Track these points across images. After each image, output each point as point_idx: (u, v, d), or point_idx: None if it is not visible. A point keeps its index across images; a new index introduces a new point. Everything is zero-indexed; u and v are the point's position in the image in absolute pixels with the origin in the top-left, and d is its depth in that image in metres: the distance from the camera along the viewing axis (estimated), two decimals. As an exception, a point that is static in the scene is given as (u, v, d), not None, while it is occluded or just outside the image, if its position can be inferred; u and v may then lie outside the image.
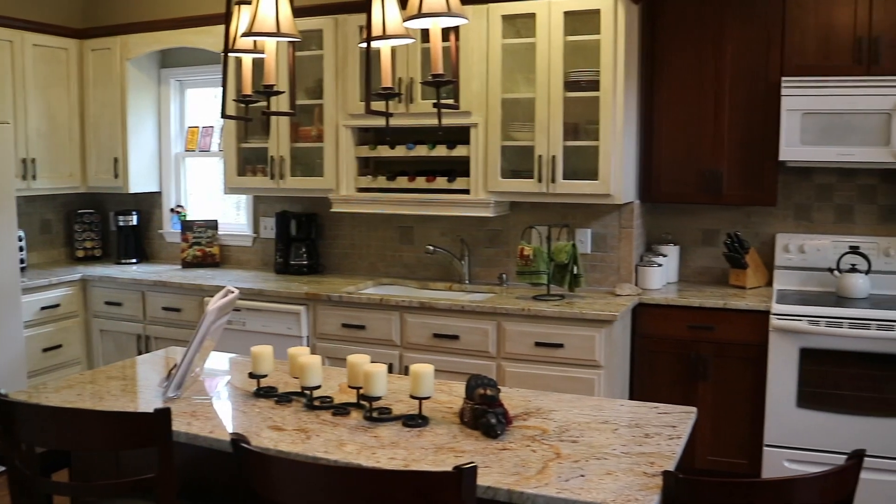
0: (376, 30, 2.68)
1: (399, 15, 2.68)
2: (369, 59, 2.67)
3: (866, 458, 4.26)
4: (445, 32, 2.70)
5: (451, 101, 2.73)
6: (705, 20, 4.72)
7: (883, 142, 4.39)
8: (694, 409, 2.69)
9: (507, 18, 4.64)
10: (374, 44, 2.71)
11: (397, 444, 2.37)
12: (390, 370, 4.46)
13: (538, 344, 4.32)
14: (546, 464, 2.20)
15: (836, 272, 4.73)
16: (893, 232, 4.86)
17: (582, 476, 2.12)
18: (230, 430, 2.52)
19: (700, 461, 4.60)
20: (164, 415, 2.23)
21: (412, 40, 2.72)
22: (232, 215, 6.14)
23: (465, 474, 1.76)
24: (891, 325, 4.19)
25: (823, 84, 4.46)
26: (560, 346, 4.28)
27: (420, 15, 2.39)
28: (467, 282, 5.10)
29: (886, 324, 4.20)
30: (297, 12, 4.77)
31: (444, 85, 2.49)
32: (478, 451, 2.31)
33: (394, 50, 2.81)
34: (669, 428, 2.50)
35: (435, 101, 2.75)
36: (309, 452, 2.32)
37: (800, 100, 4.48)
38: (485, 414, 2.42)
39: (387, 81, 2.74)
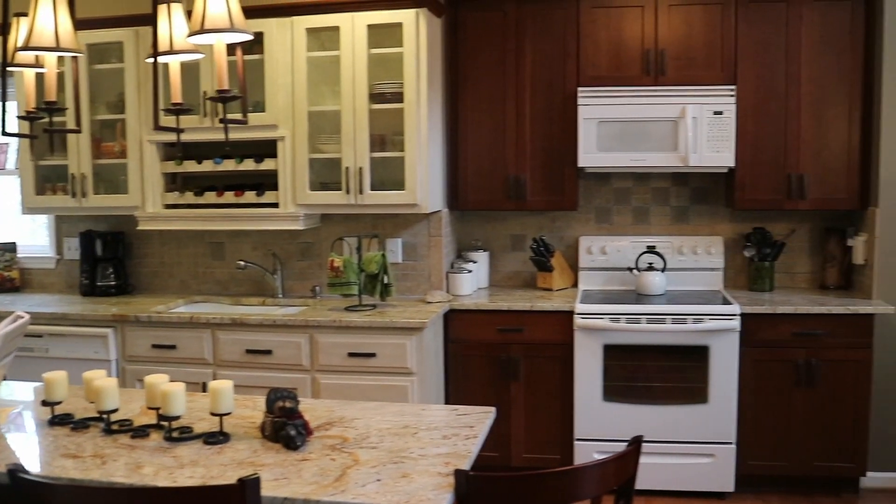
0: (163, 44, 2.64)
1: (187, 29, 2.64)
2: (156, 75, 2.62)
3: (666, 444, 4.57)
4: (243, 45, 2.67)
5: (238, 116, 2.70)
6: (506, 33, 4.89)
7: (671, 147, 4.68)
8: (492, 408, 2.78)
9: (312, 31, 4.65)
10: (162, 59, 2.67)
11: (197, 463, 2.33)
12: (203, 389, 4.40)
13: (351, 354, 4.35)
14: (344, 471, 2.22)
15: (635, 271, 5.00)
16: (686, 231, 5.19)
17: (378, 480, 2.15)
18: (19, 462, 2.40)
19: (516, 459, 4.74)
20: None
21: (201, 55, 2.68)
22: (42, 236, 5.81)
23: (249, 485, 1.76)
24: (684, 319, 4.47)
25: (616, 94, 4.71)
26: (372, 355, 4.32)
27: (202, 31, 2.36)
28: (281, 296, 5.06)
29: (680, 317, 4.48)
30: (95, 23, 4.70)
31: (229, 100, 2.47)
32: (278, 463, 2.30)
33: (185, 64, 2.78)
34: (467, 428, 2.58)
35: (236, 114, 2.73)
36: (104, 478, 2.24)
37: (595, 109, 4.71)
38: (284, 426, 2.42)
39: (177, 97, 2.69)
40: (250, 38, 2.45)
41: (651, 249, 5.05)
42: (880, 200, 4.63)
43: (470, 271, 4.94)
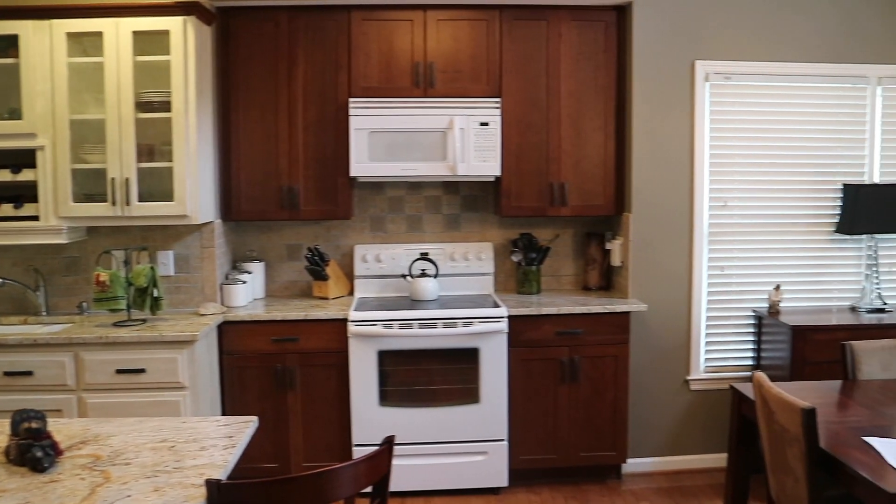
0: None
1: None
2: None
3: (442, 445, 4.70)
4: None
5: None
6: (278, 43, 4.89)
7: (441, 157, 4.83)
8: (254, 418, 2.79)
9: (73, 36, 4.47)
10: None
11: (-73, 495, 2.20)
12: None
13: (119, 371, 4.20)
14: (94, 490, 2.17)
15: (408, 278, 5.12)
16: (457, 238, 5.37)
17: (129, 497, 2.12)
18: None
19: (296, 468, 4.73)
20: None
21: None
22: None
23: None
24: (454, 323, 4.62)
25: (387, 105, 4.81)
26: (142, 371, 4.20)
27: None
28: (44, 313, 4.80)
29: (450, 321, 4.63)
30: None
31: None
32: (22, 487, 2.21)
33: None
34: (226, 439, 2.57)
35: None
36: None
37: (366, 119, 4.80)
38: (30, 448, 2.33)
39: None
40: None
41: (424, 256, 5.19)
42: (633, 206, 4.98)
43: (244, 282, 4.90)
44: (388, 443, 2.31)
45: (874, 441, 2.98)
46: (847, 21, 5.08)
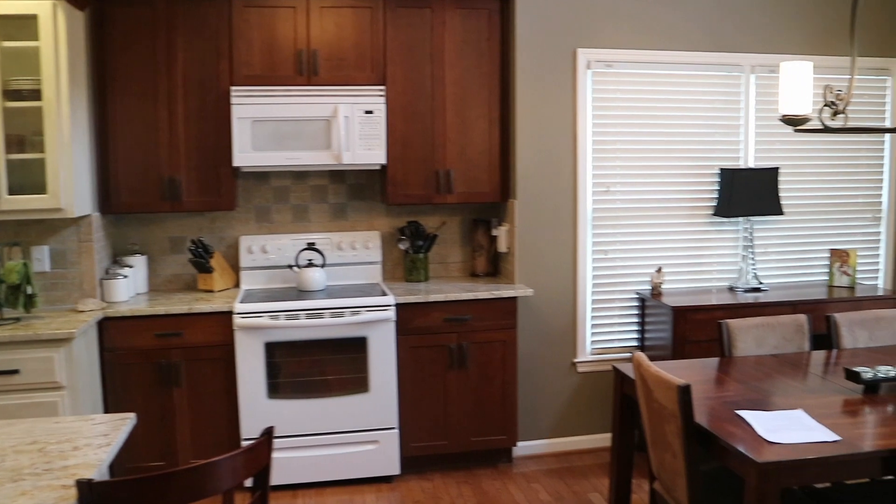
0: None
1: None
2: None
3: (332, 435, 4.68)
4: None
5: None
6: (156, 30, 4.75)
7: (325, 146, 4.79)
8: (131, 415, 2.71)
9: (-67, 21, 4.26)
10: None
11: None
12: None
13: (-9, 373, 4.05)
14: (-45, 496, 2.08)
15: (295, 268, 5.07)
16: (344, 227, 5.34)
17: (-6, 502, 2.04)
18: None
19: (184, 465, 4.62)
20: None
21: None
22: None
23: None
24: (341, 312, 4.60)
25: (270, 93, 4.74)
26: (16, 372, 4.03)
27: None
28: None
29: (337, 311, 4.60)
30: None
31: None
32: None
33: None
34: (102, 437, 2.50)
35: None
36: None
37: (249, 108, 4.71)
38: None
39: None
40: None
41: (311, 246, 5.14)
42: (518, 193, 5.04)
43: (126, 276, 4.75)
44: (268, 434, 2.28)
45: (746, 414, 3.10)
46: (722, 11, 5.24)
